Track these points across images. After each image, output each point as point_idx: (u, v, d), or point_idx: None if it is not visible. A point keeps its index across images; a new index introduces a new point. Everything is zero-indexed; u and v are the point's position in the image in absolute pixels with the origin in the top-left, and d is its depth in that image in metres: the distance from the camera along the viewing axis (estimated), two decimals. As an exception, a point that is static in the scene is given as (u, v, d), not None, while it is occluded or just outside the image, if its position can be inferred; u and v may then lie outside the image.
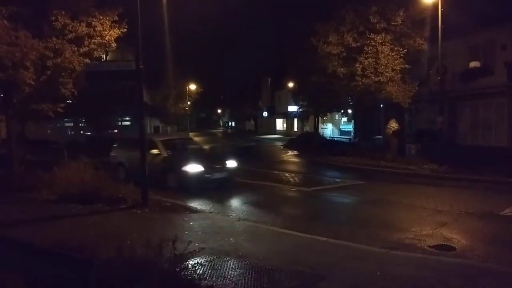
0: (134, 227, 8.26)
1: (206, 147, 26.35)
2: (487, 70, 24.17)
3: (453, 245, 7.40)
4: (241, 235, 7.96)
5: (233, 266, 6.10)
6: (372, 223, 9.21)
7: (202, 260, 6.17)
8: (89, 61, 13.92)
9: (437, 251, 7.19)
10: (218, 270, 5.90)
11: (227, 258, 6.41)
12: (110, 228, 8.29)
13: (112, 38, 13.67)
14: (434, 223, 8.94)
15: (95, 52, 13.82)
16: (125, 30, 13.44)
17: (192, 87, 51.56)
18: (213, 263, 6.17)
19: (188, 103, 56.62)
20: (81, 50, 13.32)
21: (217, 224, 8.85)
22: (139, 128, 10.93)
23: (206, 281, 5.25)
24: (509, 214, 9.48)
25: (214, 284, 5.31)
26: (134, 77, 12.22)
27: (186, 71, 48.30)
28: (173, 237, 5.14)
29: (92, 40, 13.51)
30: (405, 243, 7.64)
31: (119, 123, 49.02)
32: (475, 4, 22.39)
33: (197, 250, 5.44)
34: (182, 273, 4.81)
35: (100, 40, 13.60)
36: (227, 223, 9.07)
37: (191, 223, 8.96)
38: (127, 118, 48.60)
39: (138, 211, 9.92)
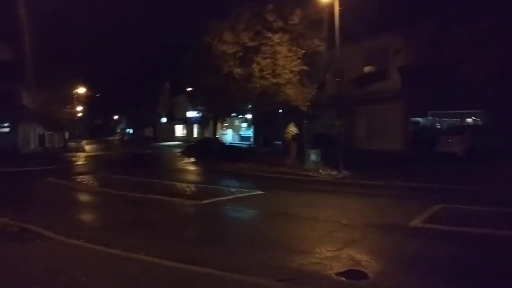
0: None
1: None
2: (382, 75, 24.47)
3: (365, 271, 6.07)
4: (99, 274, 5.98)
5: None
6: (269, 243, 7.71)
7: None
8: None
9: (346, 280, 5.82)
10: None
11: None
12: None
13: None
14: (340, 240, 7.65)
15: None
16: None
17: (82, 90, 47.31)
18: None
19: (79, 108, 52.07)
20: None
21: (70, 258, 6.75)
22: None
23: None
24: (420, 225, 8.52)
25: None
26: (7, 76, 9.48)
27: (75, 73, 44.14)
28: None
29: None
30: (308, 271, 6.19)
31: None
32: (369, 9, 22.40)
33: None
34: None
35: None
36: (85, 256, 6.94)
37: (29, 259, 6.73)
38: (6, 125, 43.14)
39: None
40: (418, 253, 7.02)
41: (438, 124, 28.01)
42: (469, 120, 27.94)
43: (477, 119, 27.30)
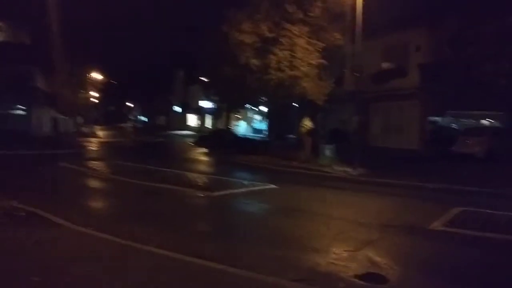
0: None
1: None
2: (401, 71, 23.95)
3: (384, 274, 5.80)
4: (109, 264, 5.81)
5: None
6: (283, 240, 7.47)
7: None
8: None
9: (365, 283, 5.55)
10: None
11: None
12: None
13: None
14: (357, 240, 7.37)
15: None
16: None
17: (98, 76, 47.44)
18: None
19: (95, 93, 52.27)
20: None
21: (76, 247, 6.58)
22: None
23: None
24: (440, 229, 8.20)
25: None
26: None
27: (91, 58, 44.24)
28: None
29: None
30: (324, 271, 5.93)
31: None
32: (391, 4, 21.89)
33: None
34: None
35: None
36: (93, 245, 6.75)
37: (34, 245, 6.54)
38: (20, 107, 43.36)
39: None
40: (440, 259, 6.71)
41: (454, 124, 27.50)
42: (484, 121, 27.40)
43: (493, 120, 26.73)
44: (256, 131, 43.72)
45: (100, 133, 50.79)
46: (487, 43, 16.54)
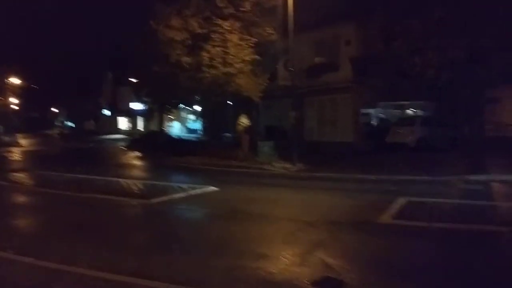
0: None
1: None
2: (333, 66, 24.16)
3: (342, 278, 5.42)
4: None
5: None
6: (230, 248, 6.92)
7: None
8: None
9: (324, 291, 5.16)
10: None
11: None
12: None
13: None
14: (307, 242, 7.01)
15: None
16: None
17: (16, 81, 44.25)
18: None
19: (14, 100, 48.85)
20: None
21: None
22: None
23: None
24: (389, 222, 8.06)
25: None
26: None
27: (10, 61, 41.22)
28: None
29: None
30: (278, 280, 5.44)
31: None
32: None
33: None
34: None
35: None
36: (11, 271, 5.89)
37: None
38: None
39: None
40: (395, 255, 6.49)
41: (383, 115, 28.35)
42: (409, 111, 28.47)
43: (417, 110, 27.83)
44: (191, 131, 42.86)
45: (23, 141, 47.45)
46: (414, 37, 16.90)
